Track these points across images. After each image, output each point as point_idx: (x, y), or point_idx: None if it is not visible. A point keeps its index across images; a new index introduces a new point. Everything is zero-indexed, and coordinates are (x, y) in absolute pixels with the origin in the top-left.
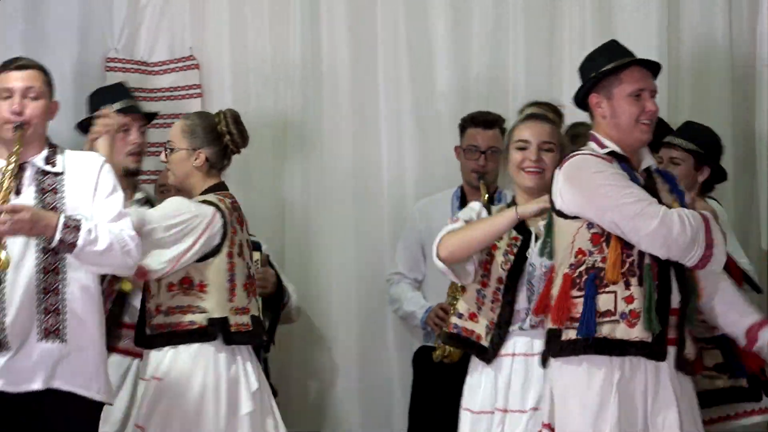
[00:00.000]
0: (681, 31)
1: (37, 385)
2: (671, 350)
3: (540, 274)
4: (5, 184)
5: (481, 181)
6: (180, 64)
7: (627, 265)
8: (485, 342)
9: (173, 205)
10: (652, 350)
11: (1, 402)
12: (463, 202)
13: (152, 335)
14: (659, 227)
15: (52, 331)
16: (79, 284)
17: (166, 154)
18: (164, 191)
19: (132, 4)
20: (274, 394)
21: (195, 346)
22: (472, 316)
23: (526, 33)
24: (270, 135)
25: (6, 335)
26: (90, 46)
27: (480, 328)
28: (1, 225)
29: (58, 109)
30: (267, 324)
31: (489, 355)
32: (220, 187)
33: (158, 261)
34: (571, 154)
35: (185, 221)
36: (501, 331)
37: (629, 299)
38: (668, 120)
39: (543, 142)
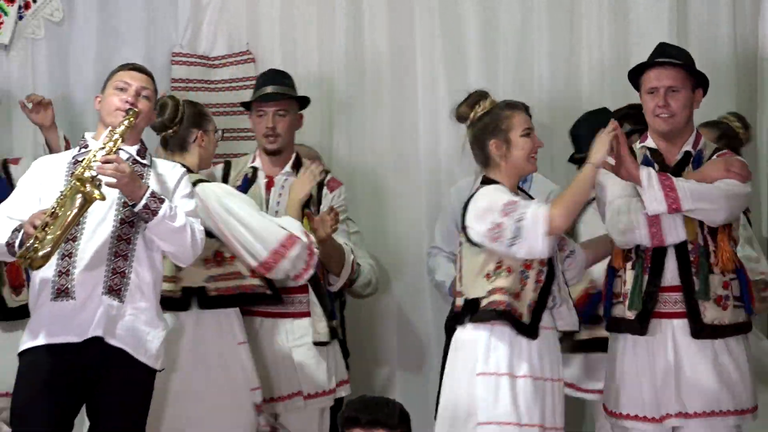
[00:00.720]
0: (689, 29)
1: (94, 334)
2: (679, 323)
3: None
4: (113, 144)
5: None
6: (237, 58)
7: (626, 251)
8: (527, 320)
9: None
10: (633, 326)
11: (62, 351)
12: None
13: None
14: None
15: (115, 290)
16: (146, 257)
17: None
18: None
19: (195, 4)
20: (347, 354)
21: None
22: (516, 296)
23: (549, 30)
24: (317, 124)
25: (73, 285)
26: (157, 42)
27: (522, 307)
28: (106, 168)
29: (155, 117)
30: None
31: (532, 332)
32: None
33: None
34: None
35: None
36: (540, 310)
37: (625, 282)
38: None
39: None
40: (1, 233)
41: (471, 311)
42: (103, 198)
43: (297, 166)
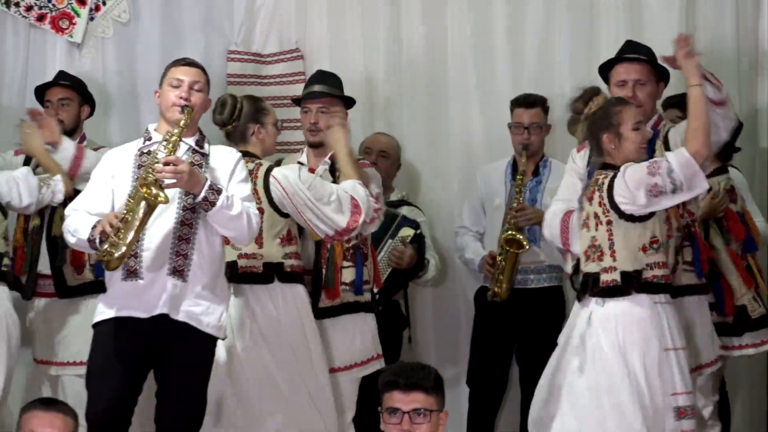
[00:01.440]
0: (697, 28)
1: (160, 311)
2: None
3: None
4: (171, 146)
5: (524, 152)
6: (288, 56)
7: None
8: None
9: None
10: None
11: (131, 324)
12: (514, 169)
13: None
14: None
15: (179, 271)
16: (206, 239)
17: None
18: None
19: (249, 5)
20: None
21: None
22: (669, 267)
23: (570, 30)
24: (359, 115)
25: (141, 267)
26: (214, 40)
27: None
28: (166, 172)
29: (211, 104)
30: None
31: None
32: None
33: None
34: None
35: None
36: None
37: None
38: None
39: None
40: (82, 229)
41: (630, 284)
42: (166, 201)
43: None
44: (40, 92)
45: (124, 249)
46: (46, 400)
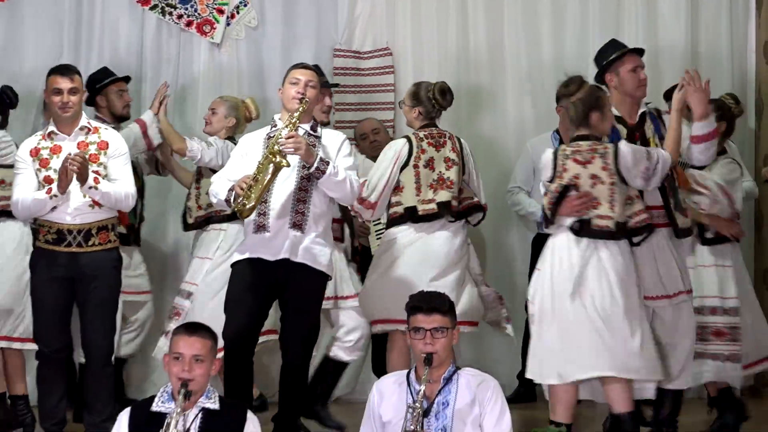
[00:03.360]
0: (699, 33)
1: (284, 256)
2: (664, 230)
3: None
4: (291, 125)
5: None
6: (380, 53)
7: None
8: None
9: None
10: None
11: (262, 265)
12: (560, 140)
13: None
14: None
15: (298, 224)
16: (319, 200)
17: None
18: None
19: (350, 13)
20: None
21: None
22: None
23: (600, 30)
24: None
25: (268, 222)
26: (324, 41)
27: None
28: (288, 143)
29: (322, 98)
30: None
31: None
32: (428, 126)
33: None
34: None
35: (384, 158)
36: None
37: None
38: None
39: None
40: (221, 192)
41: (621, 231)
42: (288, 165)
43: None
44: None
45: (254, 201)
46: (191, 325)
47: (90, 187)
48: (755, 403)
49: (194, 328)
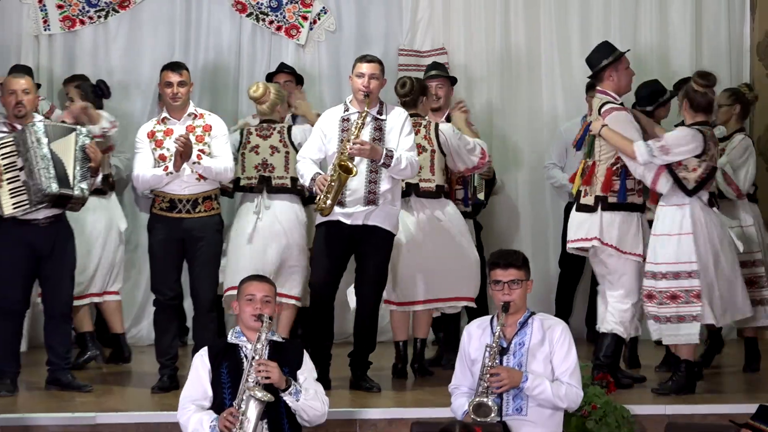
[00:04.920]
0: (702, 35)
1: (360, 222)
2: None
3: None
4: (358, 127)
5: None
6: (437, 52)
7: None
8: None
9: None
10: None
11: (340, 227)
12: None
13: None
14: None
15: (371, 200)
16: (386, 180)
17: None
18: None
19: (412, 18)
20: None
21: None
22: None
23: (620, 32)
24: (479, 91)
25: (346, 200)
26: (390, 42)
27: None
28: (355, 150)
29: (386, 83)
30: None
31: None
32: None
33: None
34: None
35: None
36: None
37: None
38: None
39: None
40: (307, 176)
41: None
42: (355, 173)
43: (448, 119)
44: (269, 77)
45: (330, 203)
46: (257, 276)
47: (194, 163)
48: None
49: (260, 277)
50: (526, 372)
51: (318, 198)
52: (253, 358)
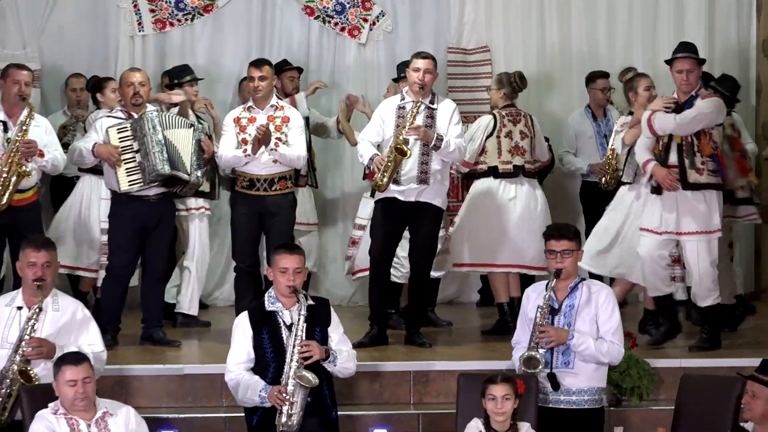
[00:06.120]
0: (714, 35)
1: (413, 198)
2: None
3: None
4: (413, 114)
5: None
6: (481, 49)
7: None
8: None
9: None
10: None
11: (396, 202)
12: (594, 116)
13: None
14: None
15: (423, 180)
16: (437, 162)
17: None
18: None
19: (459, 21)
20: None
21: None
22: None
23: (641, 32)
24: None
25: (401, 179)
26: (440, 41)
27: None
28: (411, 133)
29: (438, 76)
30: None
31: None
32: (509, 106)
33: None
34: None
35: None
36: None
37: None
38: None
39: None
40: (366, 156)
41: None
42: (409, 156)
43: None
44: (278, 71)
45: (386, 181)
46: (290, 245)
47: (271, 149)
48: None
49: (293, 248)
50: (573, 330)
51: (375, 176)
52: (295, 339)
